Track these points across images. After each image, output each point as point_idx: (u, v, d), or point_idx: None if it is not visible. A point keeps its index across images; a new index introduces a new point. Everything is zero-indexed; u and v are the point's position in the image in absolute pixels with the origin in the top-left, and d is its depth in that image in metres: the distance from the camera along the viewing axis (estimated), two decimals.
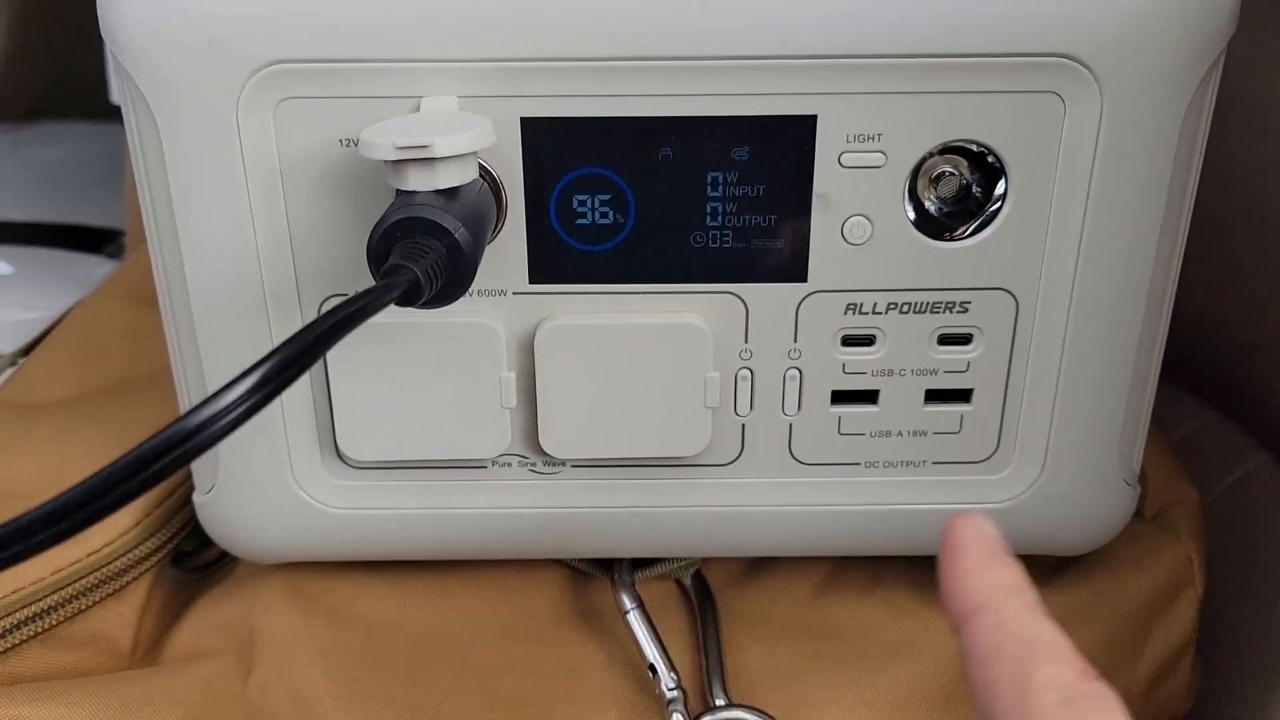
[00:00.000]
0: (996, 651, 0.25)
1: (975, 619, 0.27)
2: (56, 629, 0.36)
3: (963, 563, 0.28)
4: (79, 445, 0.40)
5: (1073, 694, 0.24)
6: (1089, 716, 0.23)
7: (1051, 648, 0.25)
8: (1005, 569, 0.27)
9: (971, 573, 0.27)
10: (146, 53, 0.29)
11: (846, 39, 0.29)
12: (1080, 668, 0.24)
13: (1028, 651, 0.25)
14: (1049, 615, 0.26)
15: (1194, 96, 0.29)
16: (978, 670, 0.26)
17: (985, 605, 0.26)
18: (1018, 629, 0.26)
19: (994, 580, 0.27)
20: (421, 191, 0.27)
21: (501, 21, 0.29)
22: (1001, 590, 0.27)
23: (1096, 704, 0.23)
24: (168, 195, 0.30)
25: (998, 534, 0.28)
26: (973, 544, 0.28)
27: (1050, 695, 0.24)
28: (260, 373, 0.22)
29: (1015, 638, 0.25)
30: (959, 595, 0.27)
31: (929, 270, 0.31)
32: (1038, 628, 0.26)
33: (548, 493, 0.35)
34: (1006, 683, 0.25)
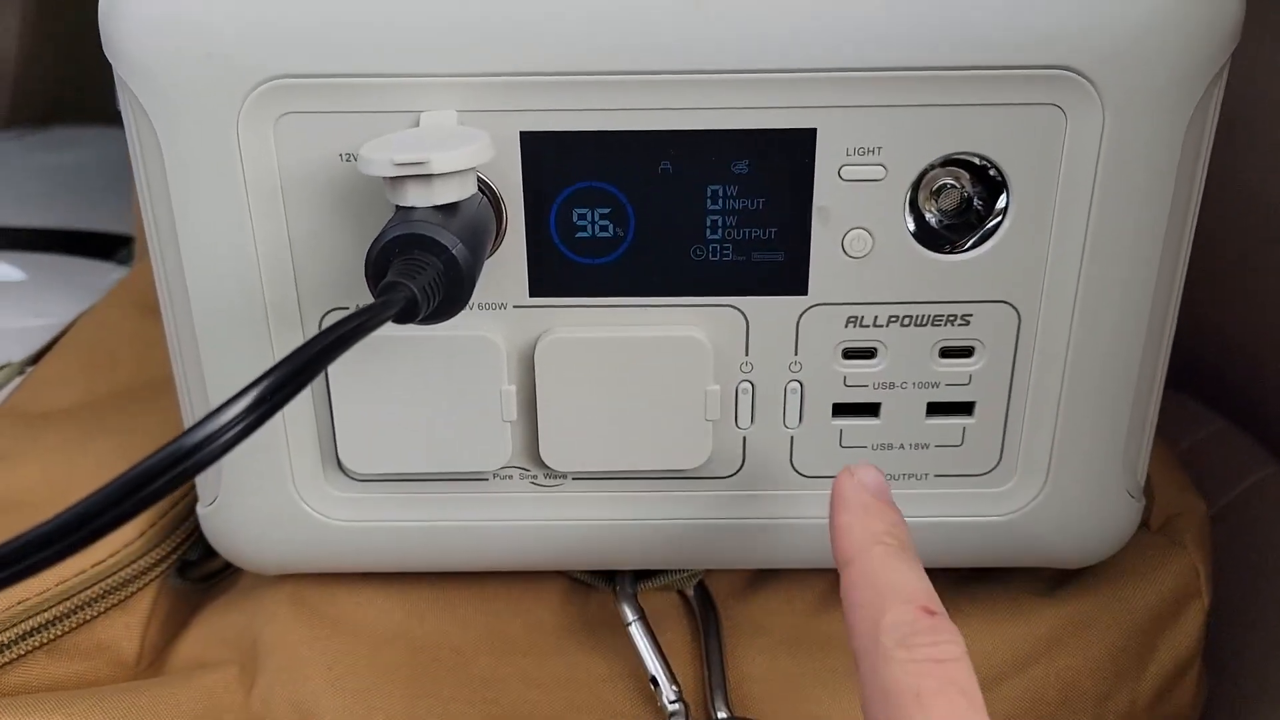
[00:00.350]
0: (858, 601, 0.27)
1: (845, 571, 0.28)
2: (62, 639, 0.36)
3: (839, 518, 0.29)
4: (86, 454, 0.41)
5: (910, 631, 0.25)
6: (920, 651, 0.25)
7: (898, 590, 0.26)
8: (876, 518, 0.29)
9: (845, 527, 0.29)
10: (147, 67, 0.29)
11: (846, 52, 0.29)
12: (921, 605, 0.26)
13: (878, 598, 0.26)
14: (912, 557, 0.28)
15: (1197, 108, 0.29)
16: (848, 620, 0.27)
17: (854, 557, 0.28)
18: (875, 577, 0.27)
19: (863, 531, 0.28)
20: (420, 207, 0.27)
21: (501, 36, 0.29)
22: (869, 540, 0.28)
23: (928, 638, 0.25)
24: (169, 208, 0.31)
25: (877, 483, 0.30)
26: (849, 497, 0.29)
27: (892, 637, 0.25)
28: (256, 392, 0.22)
29: (871, 586, 0.27)
30: (836, 549, 0.29)
31: (930, 283, 0.31)
32: (893, 573, 0.27)
33: (549, 505, 0.35)
34: (861, 629, 0.26)
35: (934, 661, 0.24)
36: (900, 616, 0.25)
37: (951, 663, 0.25)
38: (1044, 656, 0.37)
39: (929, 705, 0.24)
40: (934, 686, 0.24)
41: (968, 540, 0.35)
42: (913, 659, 0.24)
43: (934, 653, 0.25)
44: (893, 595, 0.26)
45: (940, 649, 0.25)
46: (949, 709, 0.24)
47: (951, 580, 0.38)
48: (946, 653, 0.25)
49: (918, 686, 0.24)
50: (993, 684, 0.36)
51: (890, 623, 0.25)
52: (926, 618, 0.25)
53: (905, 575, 0.27)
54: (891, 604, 0.26)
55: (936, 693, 0.24)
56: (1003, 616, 0.37)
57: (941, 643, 0.25)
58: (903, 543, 0.28)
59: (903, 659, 0.25)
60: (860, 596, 0.27)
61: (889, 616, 0.25)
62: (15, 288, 0.68)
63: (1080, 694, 0.37)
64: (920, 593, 0.26)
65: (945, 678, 0.24)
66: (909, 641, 0.25)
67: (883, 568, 0.27)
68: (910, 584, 0.26)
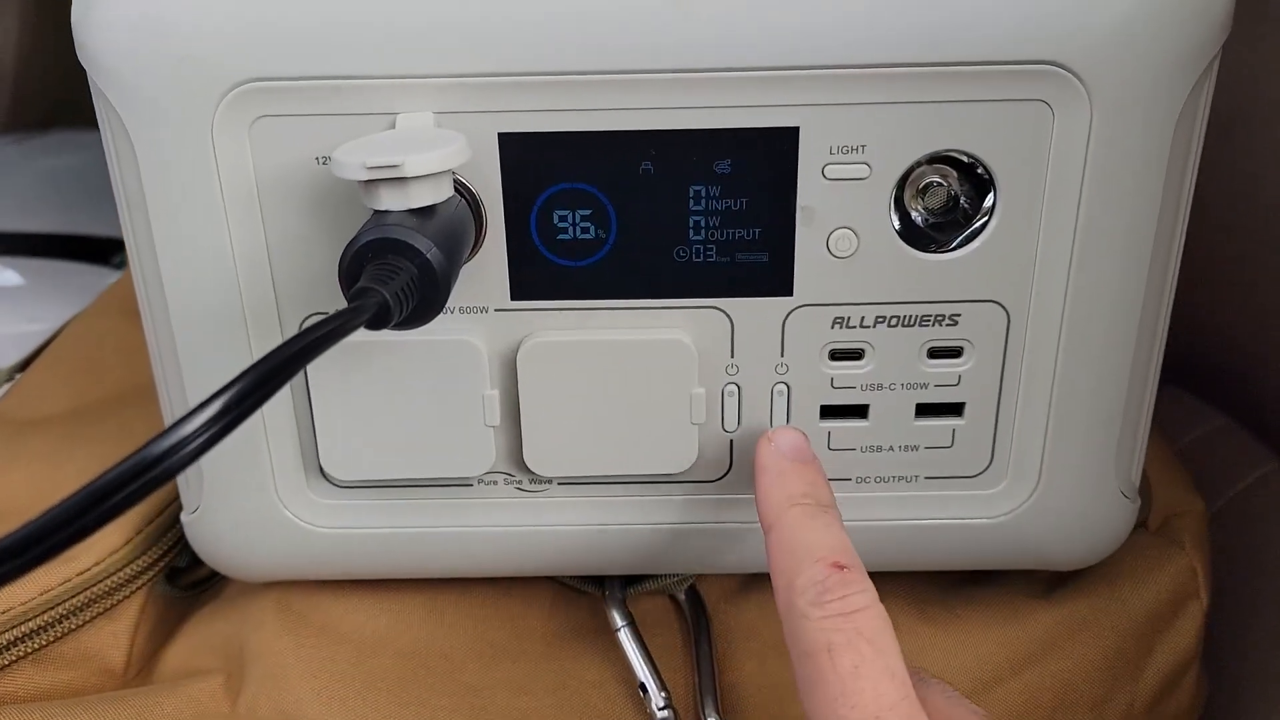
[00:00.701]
0: (777, 565, 0.28)
1: (766, 538, 0.29)
2: (48, 648, 0.36)
3: (758, 485, 0.30)
4: (72, 462, 0.40)
5: (821, 590, 0.26)
6: (829, 606, 0.26)
7: (810, 549, 0.27)
8: (792, 480, 0.30)
9: (764, 493, 0.30)
10: (120, 72, 0.29)
11: (828, 49, 0.28)
12: (832, 561, 0.27)
13: (793, 560, 0.27)
14: (828, 514, 0.29)
15: (1187, 102, 0.29)
16: (773, 585, 0.28)
17: (773, 522, 0.29)
18: (790, 540, 0.28)
19: (780, 494, 0.29)
20: (394, 211, 0.26)
21: (477, 36, 0.28)
22: (785, 503, 0.29)
23: (837, 593, 0.26)
24: (145, 213, 0.30)
25: (794, 445, 0.31)
26: (767, 464, 0.30)
27: (805, 597, 0.26)
28: (223, 400, 0.22)
29: (787, 549, 0.28)
30: (759, 517, 0.30)
31: (917, 283, 0.31)
32: (807, 533, 0.28)
33: (534, 511, 0.34)
34: (780, 592, 0.27)
35: (842, 615, 0.25)
36: (812, 575, 0.26)
37: (859, 613, 0.25)
38: (1040, 660, 0.36)
39: (838, 659, 0.25)
40: (842, 640, 0.25)
41: (959, 543, 0.34)
42: (824, 615, 0.25)
43: (841, 606, 0.25)
44: (805, 555, 0.27)
45: (847, 601, 0.26)
46: (855, 659, 0.25)
47: (946, 582, 0.38)
48: (853, 604, 0.26)
49: (829, 642, 0.25)
50: (988, 688, 0.36)
51: (803, 583, 0.26)
52: (836, 573, 0.26)
53: (818, 534, 0.27)
54: (803, 564, 0.27)
55: (845, 646, 0.25)
56: (998, 619, 0.37)
57: (850, 594, 0.26)
58: (819, 501, 0.29)
59: (816, 617, 0.25)
60: (778, 561, 0.28)
61: (801, 577, 0.26)
62: (12, 293, 0.68)
63: (1077, 697, 0.36)
64: (832, 549, 0.27)
65: (853, 630, 0.25)
66: (820, 599, 0.26)
67: (797, 528, 0.28)
68: (822, 541, 0.27)
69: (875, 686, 0.24)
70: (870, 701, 0.24)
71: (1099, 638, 0.36)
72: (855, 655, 0.25)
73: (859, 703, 0.24)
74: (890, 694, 0.25)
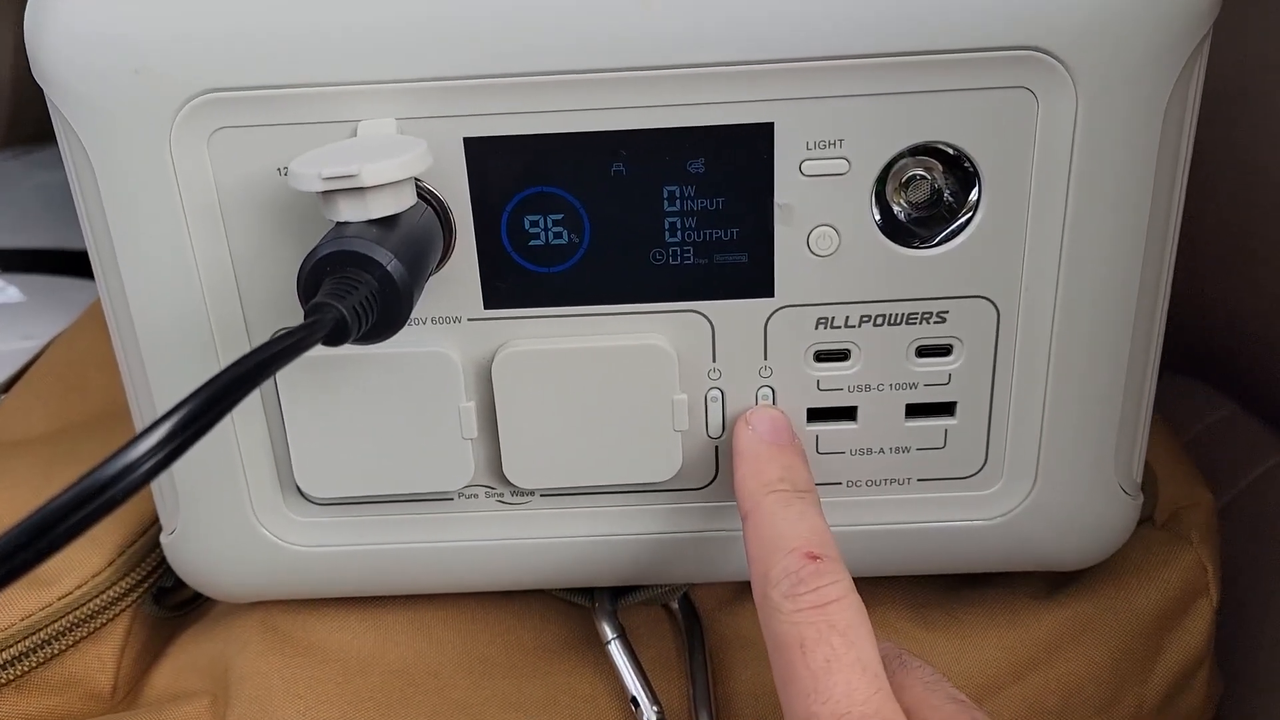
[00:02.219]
0: (752, 554, 0.27)
1: (744, 526, 0.28)
2: (31, 674, 0.36)
3: (737, 470, 0.29)
4: (55, 483, 0.39)
5: (794, 581, 0.25)
6: (802, 600, 0.25)
7: (784, 539, 0.26)
8: (769, 465, 0.29)
9: (741, 480, 0.29)
10: (74, 87, 0.28)
11: (800, 41, 0.27)
12: (805, 551, 0.26)
13: (767, 550, 0.27)
14: (804, 500, 0.28)
15: (1176, 85, 0.28)
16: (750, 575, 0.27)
17: (750, 510, 0.28)
18: (764, 529, 0.27)
19: (756, 482, 0.29)
20: (354, 222, 0.26)
21: (437, 39, 0.27)
22: (762, 490, 0.28)
23: (810, 585, 0.25)
24: (106, 230, 0.29)
25: (772, 427, 0.30)
26: (744, 449, 0.30)
27: (778, 590, 0.26)
28: (171, 423, 0.21)
29: (762, 538, 0.27)
30: (738, 503, 0.29)
31: (902, 280, 0.30)
32: (781, 522, 0.27)
33: (517, 523, 0.33)
34: (755, 585, 0.27)
35: (814, 608, 0.25)
36: (786, 566, 0.26)
37: (832, 604, 0.25)
38: (1044, 662, 0.35)
39: (809, 653, 0.24)
40: (814, 635, 0.25)
41: (956, 546, 0.33)
42: (796, 609, 0.25)
43: (814, 599, 0.25)
44: (778, 545, 0.26)
45: (820, 593, 0.25)
46: (827, 653, 0.24)
47: (945, 585, 0.37)
48: (825, 596, 0.25)
49: (801, 636, 0.25)
50: (991, 693, 0.35)
51: (776, 574, 0.26)
52: (809, 564, 0.25)
53: (792, 523, 0.27)
54: (777, 554, 0.26)
55: (816, 640, 0.24)
56: (1000, 622, 0.36)
57: (822, 586, 0.25)
58: (796, 486, 0.28)
59: (788, 610, 0.25)
60: (753, 550, 0.27)
61: (775, 568, 0.26)
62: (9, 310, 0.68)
63: (1083, 700, 0.35)
64: (806, 539, 0.26)
65: (825, 623, 0.25)
66: (792, 592, 0.25)
67: (772, 517, 0.27)
68: (797, 531, 0.27)
69: (847, 681, 0.24)
70: (841, 697, 0.24)
71: (1105, 638, 0.35)
72: (827, 649, 0.24)
73: (830, 698, 0.24)
74: (862, 688, 0.24)
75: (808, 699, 0.24)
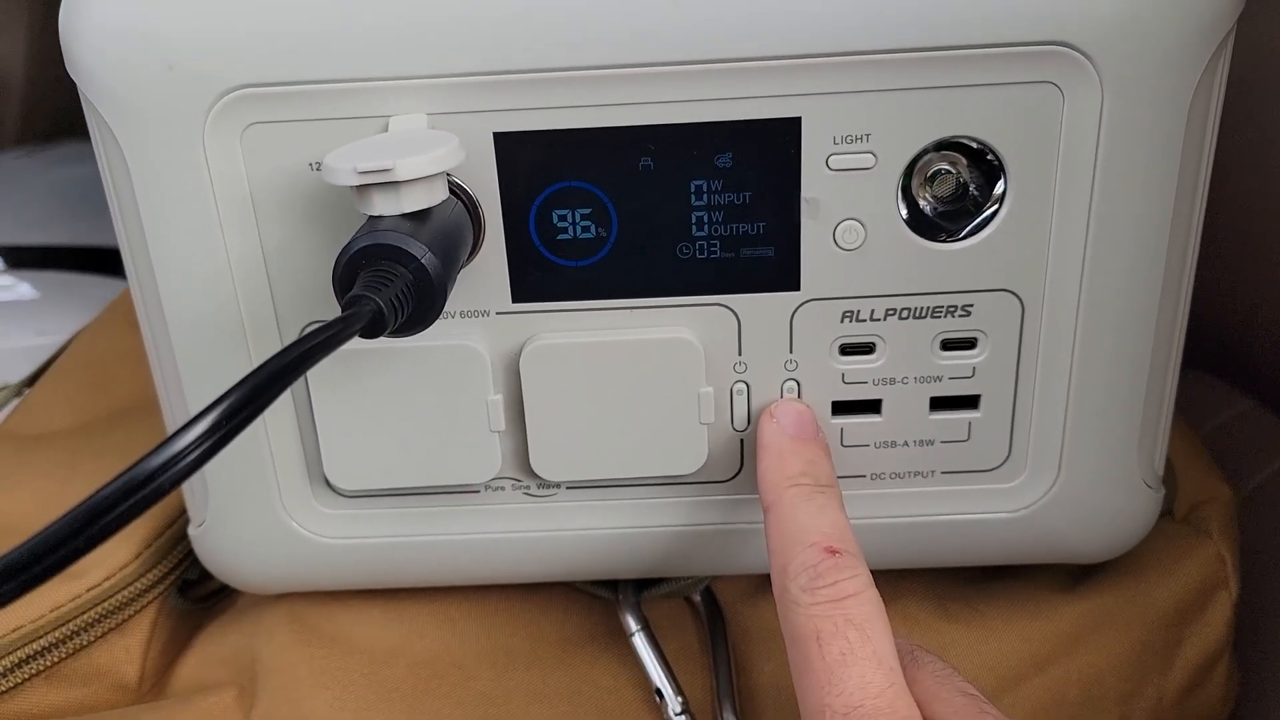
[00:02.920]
0: (773, 548, 0.27)
1: (765, 519, 0.28)
2: (60, 665, 0.36)
3: (761, 463, 0.29)
4: (79, 478, 0.40)
5: (813, 575, 0.26)
6: (820, 593, 0.25)
7: (805, 533, 0.27)
8: (791, 459, 0.29)
9: (765, 473, 0.29)
10: (108, 83, 0.28)
11: (828, 36, 0.27)
12: (825, 545, 0.26)
13: (787, 544, 0.27)
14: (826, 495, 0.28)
15: (1201, 80, 0.28)
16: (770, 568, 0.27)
17: (771, 503, 0.28)
18: (785, 522, 0.27)
19: (778, 475, 0.29)
20: (388, 216, 0.26)
21: (468, 35, 0.28)
22: (784, 483, 0.28)
23: (829, 579, 0.25)
24: (139, 224, 0.30)
25: (797, 420, 0.30)
26: (767, 442, 0.30)
27: (796, 583, 0.26)
28: (214, 415, 0.21)
29: (783, 531, 0.27)
30: (760, 496, 0.29)
31: (928, 273, 0.30)
32: (802, 516, 0.27)
33: (543, 516, 0.34)
34: (775, 579, 0.27)
35: (832, 602, 0.25)
36: (805, 560, 0.26)
37: (849, 599, 0.25)
38: (1065, 655, 0.35)
39: (825, 646, 0.25)
40: (830, 628, 0.25)
41: (979, 538, 0.33)
42: (814, 602, 0.25)
43: (832, 593, 0.25)
44: (798, 539, 0.26)
45: (838, 587, 0.25)
46: (842, 647, 0.24)
47: (967, 577, 0.37)
48: (843, 590, 0.25)
49: (817, 629, 0.25)
50: (1012, 685, 0.35)
51: (795, 568, 0.26)
52: (829, 558, 0.26)
53: (813, 517, 0.27)
54: (797, 547, 0.26)
55: (832, 634, 0.25)
56: (1021, 615, 0.36)
57: (841, 580, 0.25)
58: (818, 481, 0.28)
59: (806, 604, 0.25)
60: (774, 543, 0.27)
61: (794, 562, 0.26)
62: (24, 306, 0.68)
63: (1104, 692, 0.35)
64: (826, 533, 0.26)
65: (841, 617, 0.25)
66: (810, 585, 0.25)
67: (793, 511, 0.27)
68: (817, 525, 0.27)
69: (861, 674, 0.24)
70: (855, 689, 0.24)
71: (1126, 631, 0.36)
72: (843, 643, 0.24)
73: (844, 690, 0.24)
74: (876, 681, 0.24)
75: (822, 691, 0.24)
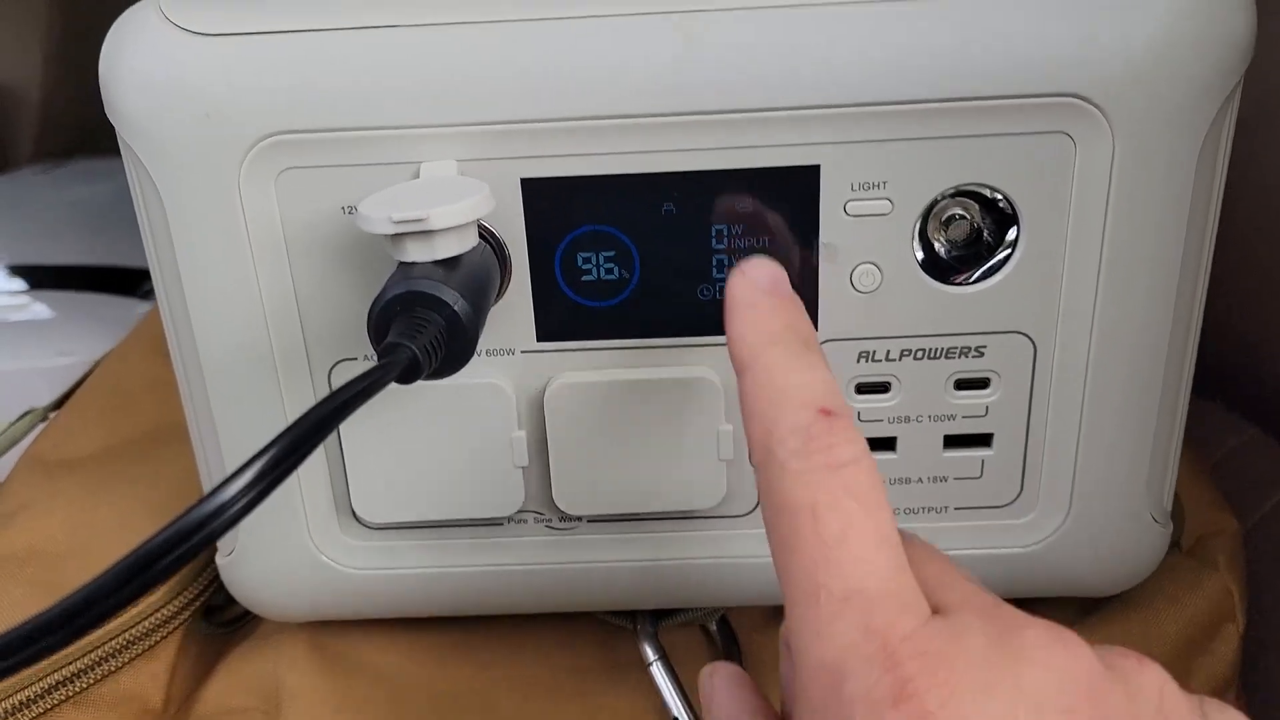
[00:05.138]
0: (754, 410, 0.24)
1: (741, 380, 0.25)
2: (88, 691, 0.37)
3: (732, 321, 0.26)
4: (107, 503, 0.41)
5: (806, 438, 0.22)
6: (814, 458, 0.22)
7: (795, 393, 0.23)
8: (770, 316, 0.26)
9: (740, 330, 0.26)
10: (147, 128, 0.29)
11: (847, 87, 0.28)
12: (819, 406, 0.23)
13: (773, 404, 0.23)
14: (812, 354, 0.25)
15: (1210, 129, 0.29)
16: (746, 432, 0.24)
17: (749, 363, 0.25)
18: (770, 381, 0.24)
19: (757, 333, 0.25)
20: (421, 263, 0.27)
21: (497, 84, 0.28)
22: (765, 341, 0.25)
23: (824, 442, 0.22)
24: (175, 265, 0.31)
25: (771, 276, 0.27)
26: (740, 297, 0.26)
27: (786, 447, 0.23)
28: (260, 465, 0.22)
29: (767, 391, 0.24)
30: (732, 358, 0.26)
31: (942, 315, 0.31)
32: (790, 374, 0.24)
33: (564, 548, 0.34)
34: (757, 439, 0.23)
35: (829, 469, 0.22)
36: (796, 421, 0.23)
37: (848, 467, 0.22)
38: None
39: (822, 521, 0.21)
40: (827, 499, 0.22)
41: (990, 573, 0.34)
42: (808, 468, 0.22)
43: (828, 459, 0.22)
44: (787, 399, 0.23)
45: (835, 452, 0.22)
46: (842, 523, 0.21)
47: None
48: (841, 456, 0.22)
49: (813, 501, 0.22)
50: None
51: (784, 430, 0.23)
52: (823, 420, 0.23)
53: (803, 375, 0.24)
54: (786, 409, 0.23)
55: (830, 506, 0.22)
56: None
57: (837, 444, 0.22)
58: (803, 339, 0.25)
59: (797, 470, 0.22)
60: (755, 405, 0.24)
61: (783, 424, 0.23)
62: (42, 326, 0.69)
63: None
64: (818, 393, 0.23)
65: (840, 488, 0.22)
66: (803, 449, 0.22)
67: (778, 369, 0.24)
68: (808, 384, 0.24)
69: (863, 554, 0.21)
70: (857, 571, 0.21)
71: None
72: (842, 518, 0.21)
73: (843, 571, 0.21)
74: (880, 563, 0.21)
75: (815, 571, 0.21)
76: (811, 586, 0.21)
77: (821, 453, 0.22)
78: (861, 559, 0.21)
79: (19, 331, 0.67)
